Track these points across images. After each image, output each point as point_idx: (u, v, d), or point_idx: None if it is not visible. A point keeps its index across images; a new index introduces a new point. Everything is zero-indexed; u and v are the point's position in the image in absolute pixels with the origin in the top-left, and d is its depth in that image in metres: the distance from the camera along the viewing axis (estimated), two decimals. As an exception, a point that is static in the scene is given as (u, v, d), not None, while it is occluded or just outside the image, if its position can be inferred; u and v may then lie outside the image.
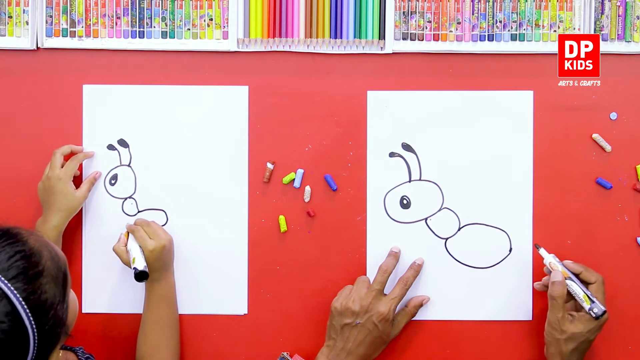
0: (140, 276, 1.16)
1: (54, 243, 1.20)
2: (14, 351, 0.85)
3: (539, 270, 1.24)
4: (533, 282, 1.25)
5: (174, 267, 1.25)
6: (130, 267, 1.18)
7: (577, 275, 1.19)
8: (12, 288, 0.85)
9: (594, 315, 1.14)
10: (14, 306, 0.84)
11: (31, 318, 0.86)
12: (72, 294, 0.97)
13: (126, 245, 1.22)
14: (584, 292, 1.16)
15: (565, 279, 1.18)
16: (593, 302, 1.15)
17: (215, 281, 1.27)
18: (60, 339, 0.92)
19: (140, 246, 1.20)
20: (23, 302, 0.85)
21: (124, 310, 1.28)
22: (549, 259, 1.21)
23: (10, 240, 0.90)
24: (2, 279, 0.85)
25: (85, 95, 1.27)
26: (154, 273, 1.20)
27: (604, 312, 1.14)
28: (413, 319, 1.25)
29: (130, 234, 1.23)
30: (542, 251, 1.23)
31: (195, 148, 1.27)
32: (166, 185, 1.27)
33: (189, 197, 1.27)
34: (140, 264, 1.16)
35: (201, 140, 1.27)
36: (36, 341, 0.86)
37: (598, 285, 1.18)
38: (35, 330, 0.86)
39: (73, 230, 1.26)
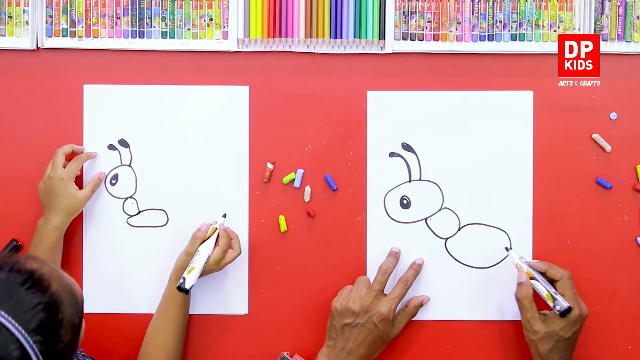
0: (182, 290, 1.16)
1: (55, 244, 1.21)
2: None
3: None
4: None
5: None
6: (180, 258, 1.20)
7: (543, 274, 1.20)
8: (31, 342, 0.83)
9: (557, 312, 1.14)
10: (28, 357, 0.83)
11: None
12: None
13: (204, 241, 1.21)
14: (547, 291, 1.16)
15: (531, 279, 1.18)
16: (556, 299, 1.15)
17: (216, 281, 1.27)
18: None
19: (209, 257, 1.19)
20: (39, 354, 0.84)
21: (124, 310, 1.28)
22: (516, 260, 1.22)
23: (35, 288, 0.87)
24: (23, 332, 0.83)
25: (85, 95, 1.27)
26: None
27: (568, 308, 1.14)
28: (413, 319, 1.25)
29: (213, 239, 1.21)
30: (511, 253, 1.23)
31: (195, 148, 1.27)
32: (167, 185, 1.27)
33: (190, 197, 1.27)
34: (191, 280, 1.16)
35: (201, 140, 1.27)
36: None
37: (564, 281, 1.18)
38: None
39: (74, 230, 1.26)
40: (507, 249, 1.24)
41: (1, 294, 0.85)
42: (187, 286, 1.16)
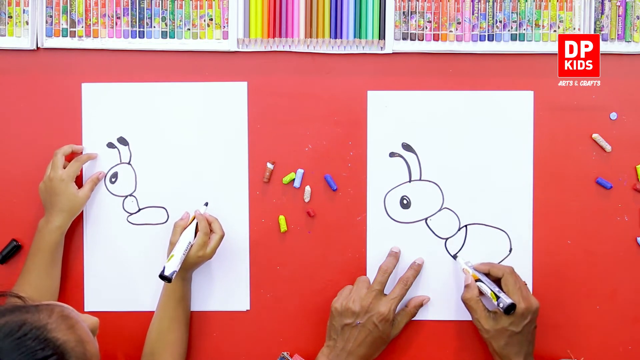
0: (163, 278, 1.14)
1: (56, 244, 1.21)
2: None
3: (539, 269, 1.25)
4: (533, 282, 1.25)
5: None
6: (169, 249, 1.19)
7: (488, 275, 1.21)
8: None
9: (502, 310, 1.14)
10: None
11: None
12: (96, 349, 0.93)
13: (185, 228, 1.21)
14: (491, 290, 1.17)
15: (477, 281, 1.19)
16: (499, 297, 1.15)
17: (217, 279, 1.27)
18: None
19: (190, 245, 1.18)
20: None
21: (125, 308, 1.28)
22: (462, 265, 1.23)
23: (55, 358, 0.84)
24: None
25: (84, 93, 1.27)
26: (189, 272, 1.21)
27: (511, 304, 1.13)
28: (413, 319, 1.25)
29: (193, 226, 1.20)
30: (459, 259, 1.25)
31: (195, 146, 1.27)
32: (167, 183, 1.27)
33: (190, 196, 1.27)
34: (171, 267, 1.14)
35: (201, 138, 1.27)
36: None
37: (506, 277, 1.18)
38: None
39: (74, 229, 1.26)
40: (454, 256, 1.25)
41: None
42: (166, 273, 1.14)
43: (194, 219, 1.22)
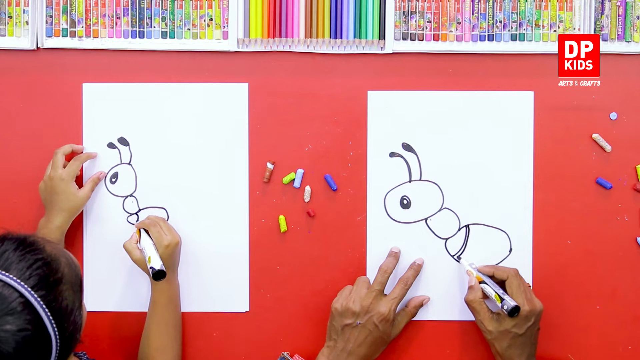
0: (157, 275, 1.15)
1: (57, 243, 1.21)
2: (37, 358, 0.86)
3: (539, 270, 1.25)
4: (533, 282, 1.25)
5: None
6: (141, 266, 1.19)
7: (492, 277, 1.21)
8: (35, 296, 0.86)
9: (506, 312, 1.14)
10: (37, 314, 0.85)
11: (54, 325, 0.86)
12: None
13: (138, 242, 1.21)
14: (495, 292, 1.16)
15: (480, 282, 1.19)
16: (503, 299, 1.14)
17: (216, 280, 1.27)
18: (76, 344, 0.93)
19: (154, 244, 1.19)
20: (47, 310, 0.86)
21: (125, 308, 1.28)
22: (466, 267, 1.23)
23: (28, 249, 0.90)
24: (26, 287, 0.86)
25: (85, 93, 1.27)
26: (171, 270, 1.20)
27: (515, 307, 1.13)
28: (413, 319, 1.25)
29: (142, 232, 1.21)
30: (462, 261, 1.25)
31: (195, 147, 1.27)
32: (167, 183, 1.27)
33: (190, 196, 1.27)
34: (157, 263, 1.15)
35: (201, 139, 1.27)
36: (58, 347, 0.87)
37: (510, 280, 1.18)
38: (57, 336, 0.87)
39: (74, 229, 1.26)
40: (457, 258, 1.25)
41: None
42: (157, 267, 1.14)
43: (138, 230, 1.22)
